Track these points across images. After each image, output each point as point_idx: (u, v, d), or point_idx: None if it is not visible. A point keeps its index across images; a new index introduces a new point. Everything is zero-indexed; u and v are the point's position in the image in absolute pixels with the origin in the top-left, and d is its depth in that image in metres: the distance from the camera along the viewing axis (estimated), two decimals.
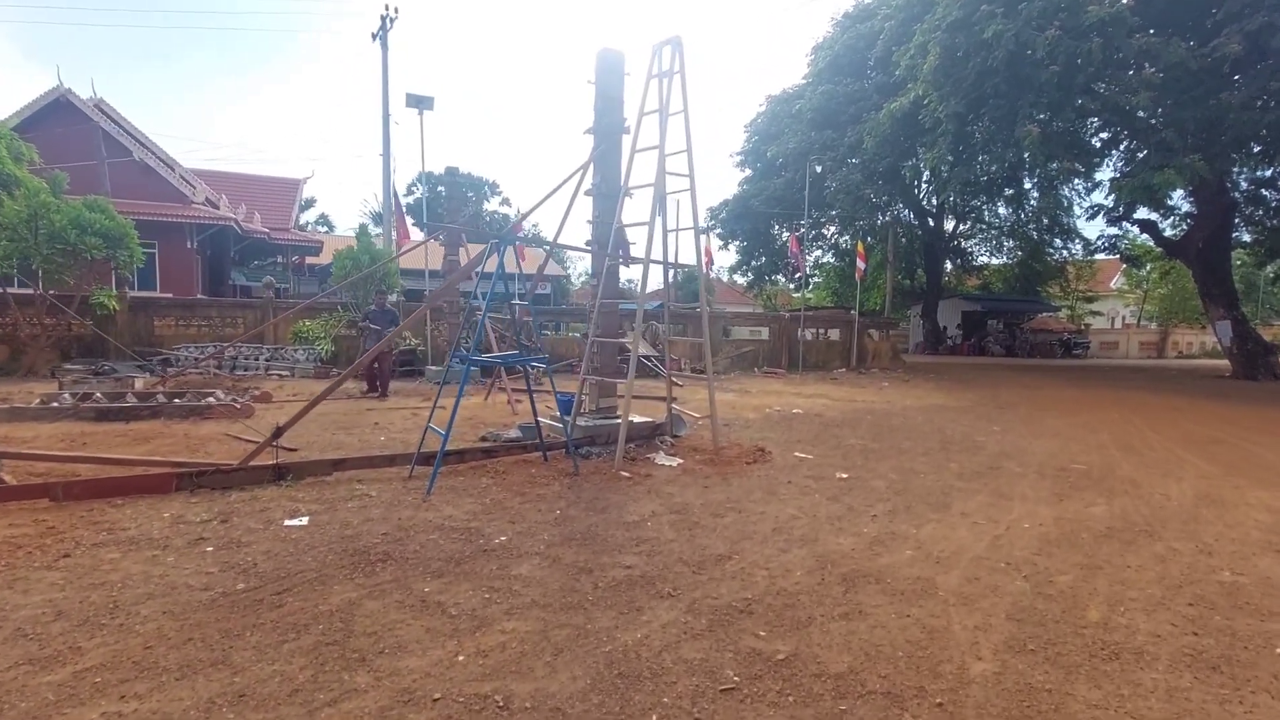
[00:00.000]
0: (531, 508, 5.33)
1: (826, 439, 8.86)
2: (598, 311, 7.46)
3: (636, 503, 5.56)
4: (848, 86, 26.46)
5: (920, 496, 6.06)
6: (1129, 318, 48.99)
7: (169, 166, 28.87)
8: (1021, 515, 5.56)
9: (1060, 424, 10.99)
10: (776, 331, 21.69)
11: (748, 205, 30.56)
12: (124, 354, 15.02)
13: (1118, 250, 30.99)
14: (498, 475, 6.31)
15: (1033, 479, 6.93)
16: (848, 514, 5.42)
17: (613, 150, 7.52)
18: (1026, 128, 15.32)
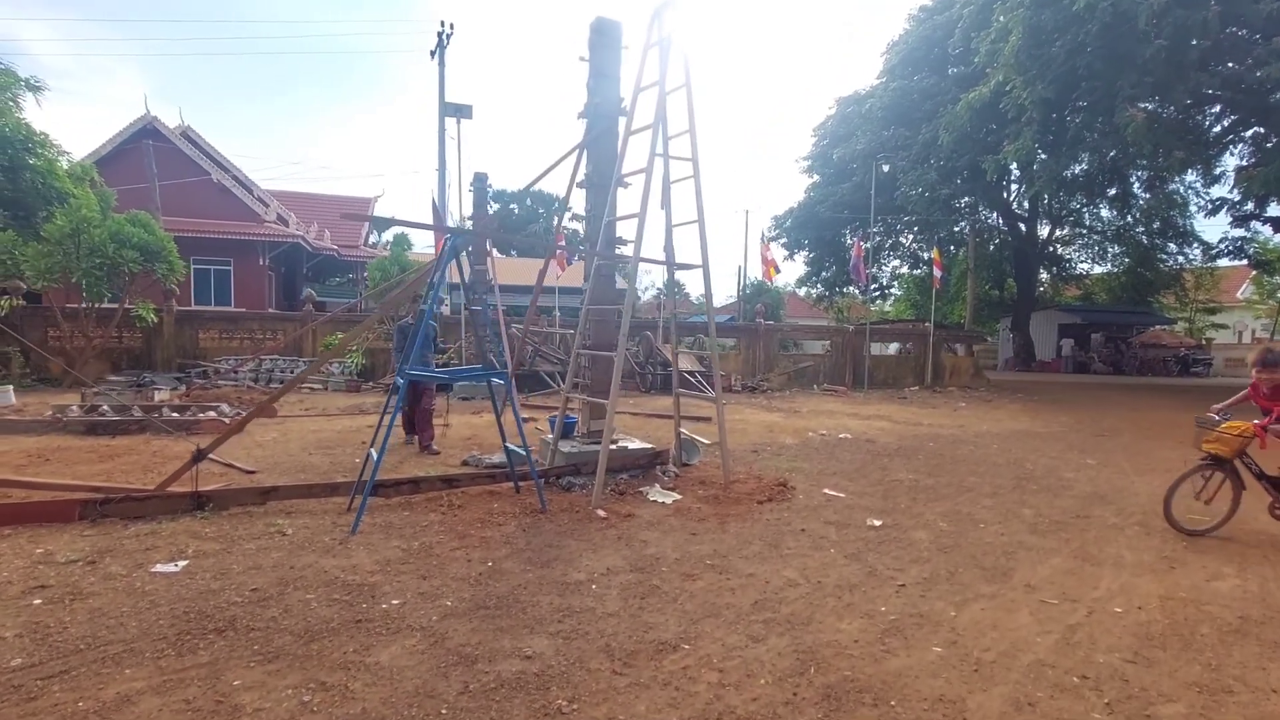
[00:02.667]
0: (462, 556, 4.32)
1: (870, 472, 7.44)
2: (584, 319, 6.42)
3: (596, 553, 4.45)
4: (922, 81, 24.49)
5: (973, 557, 4.64)
6: (1260, 331, 43.32)
7: (246, 188, 30.22)
8: (1112, 591, 4.07)
9: (1174, 457, 9.03)
10: (840, 346, 19.95)
11: (813, 212, 28.87)
12: (169, 366, 15.25)
13: (1245, 254, 27.18)
14: (451, 510, 5.35)
15: (1133, 534, 5.33)
16: (865, 581, 4.11)
17: (608, 134, 6.52)
18: (1128, 112, 13.21)
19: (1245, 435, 4.93)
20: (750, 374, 18.62)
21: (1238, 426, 4.98)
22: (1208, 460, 5.17)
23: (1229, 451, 5.02)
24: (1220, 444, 5.05)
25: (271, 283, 29.52)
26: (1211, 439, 5.10)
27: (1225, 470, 5.15)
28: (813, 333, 22.12)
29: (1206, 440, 5.13)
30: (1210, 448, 5.11)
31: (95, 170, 15.22)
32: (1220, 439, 5.03)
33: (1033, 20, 14.77)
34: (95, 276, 12.54)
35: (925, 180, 22.64)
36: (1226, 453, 5.03)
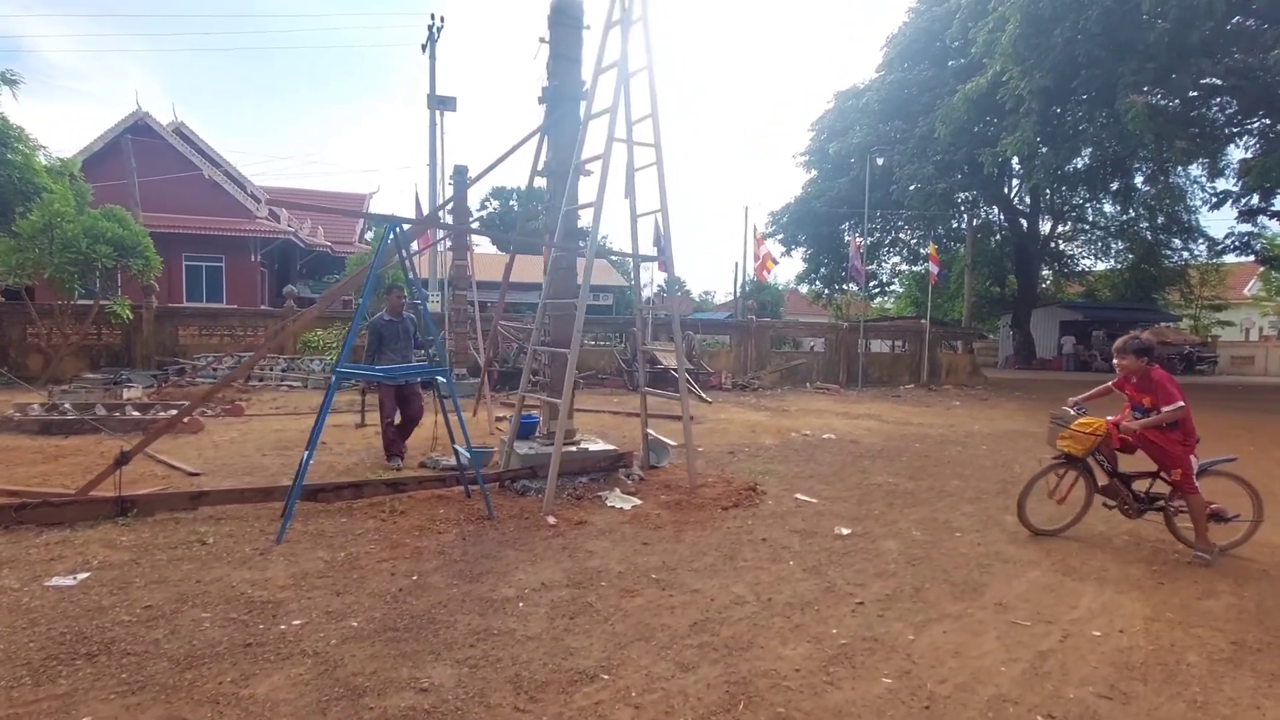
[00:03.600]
0: (388, 569, 4.00)
1: (848, 475, 7.09)
2: (541, 314, 6.09)
3: (534, 565, 4.12)
4: (921, 74, 24.07)
5: (943, 570, 4.30)
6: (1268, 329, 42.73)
7: (239, 184, 29.96)
8: (1092, 610, 3.72)
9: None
10: (834, 343, 19.57)
11: (810, 208, 28.46)
12: (149, 363, 14.99)
13: (1252, 250, 26.68)
14: (392, 516, 5.03)
15: (1121, 545, 4.98)
16: (820, 599, 3.76)
17: (568, 119, 6.17)
18: (1130, 99, 12.78)
19: (1098, 433, 4.65)
20: (741, 371, 18.27)
21: (1092, 423, 4.70)
22: (1061, 458, 4.87)
23: (1081, 449, 4.72)
24: (1073, 442, 4.74)
25: (264, 279, 29.26)
26: (1065, 436, 4.79)
27: (1078, 468, 4.87)
28: (806, 329, 21.75)
29: (1060, 437, 4.83)
30: (1064, 445, 4.80)
31: (76, 166, 14.95)
32: (1073, 436, 4.74)
33: (1031, 8, 14.35)
34: (68, 272, 12.27)
35: (922, 174, 22.22)
36: (1079, 450, 4.73)
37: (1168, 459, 4.59)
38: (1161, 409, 4.48)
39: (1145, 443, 4.61)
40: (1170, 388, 4.49)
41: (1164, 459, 4.62)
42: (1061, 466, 4.90)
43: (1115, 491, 4.85)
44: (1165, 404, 4.46)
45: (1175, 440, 4.55)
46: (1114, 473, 4.82)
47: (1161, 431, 4.52)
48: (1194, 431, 4.59)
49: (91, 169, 22.64)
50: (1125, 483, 4.84)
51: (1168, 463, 4.61)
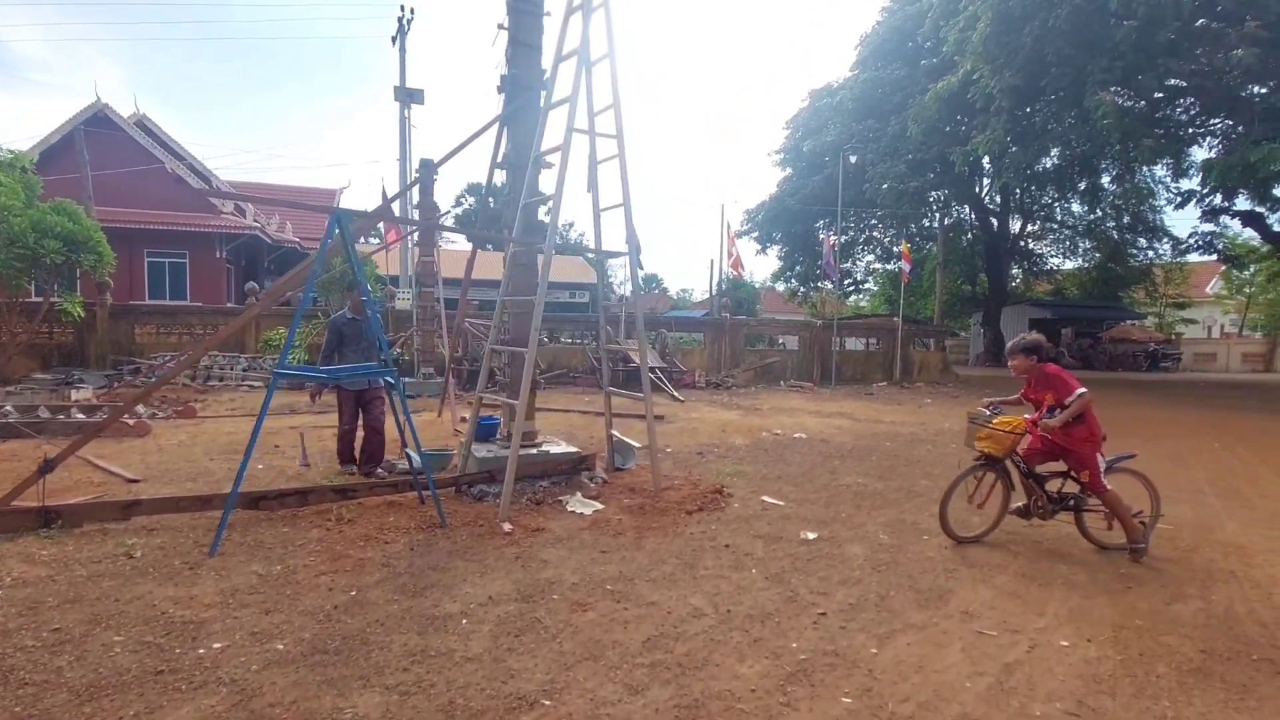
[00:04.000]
0: (326, 583, 3.76)
1: (817, 476, 6.97)
2: (499, 312, 5.86)
3: (484, 577, 3.91)
4: (893, 73, 24.16)
5: (909, 576, 4.17)
6: (1229, 326, 43.83)
7: (204, 178, 29.16)
8: (1060, 618, 3.61)
9: (1141, 456, 8.62)
10: (807, 341, 19.55)
11: (784, 205, 28.48)
12: (103, 363, 14.42)
13: (1214, 249, 27.22)
14: (339, 525, 4.78)
15: (1088, 547, 4.89)
16: (782, 609, 3.60)
17: (527, 109, 5.95)
18: (1099, 95, 12.86)
19: (1017, 431, 4.49)
20: (716, 370, 18.15)
21: (1010, 422, 4.54)
22: (980, 460, 4.67)
23: (1000, 450, 4.54)
24: (992, 442, 4.55)
25: (230, 276, 28.52)
26: (983, 436, 4.59)
27: (997, 470, 4.69)
28: (780, 328, 21.71)
29: (979, 438, 4.63)
30: (983, 445, 4.60)
31: (30, 159, 14.29)
32: (992, 436, 4.54)
33: (1001, 6, 14.40)
34: (15, 268, 11.70)
35: (894, 173, 22.30)
36: (998, 451, 4.54)
37: (1077, 459, 4.49)
38: (1066, 401, 4.35)
39: (1058, 444, 4.48)
40: (1067, 379, 4.41)
41: (1073, 459, 4.52)
42: (981, 469, 4.69)
43: (1031, 493, 4.70)
44: (1067, 395, 4.34)
45: (1081, 438, 4.43)
46: (1030, 473, 4.68)
47: (1068, 429, 4.39)
48: (1099, 427, 4.49)
49: (48, 162, 21.81)
50: (1040, 483, 4.71)
51: (1077, 463, 4.51)
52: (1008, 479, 4.72)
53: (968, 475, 4.69)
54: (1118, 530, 4.63)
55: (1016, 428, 4.49)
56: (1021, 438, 4.49)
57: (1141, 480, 4.85)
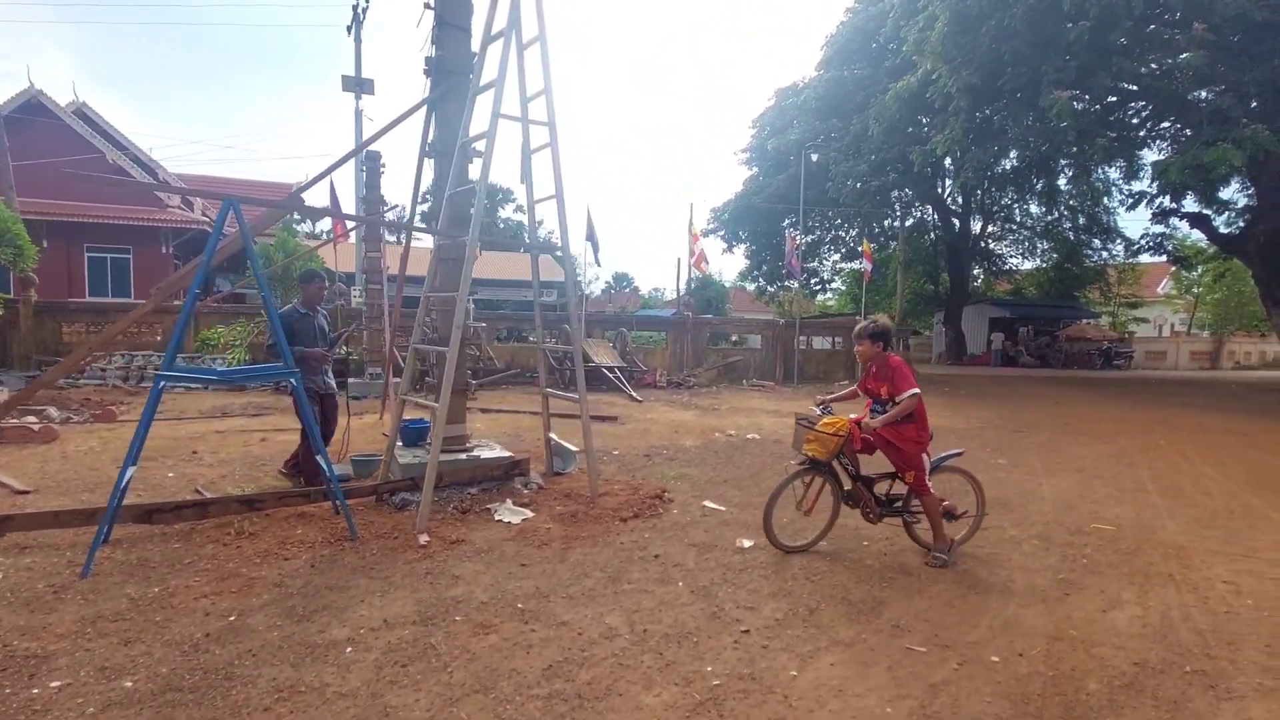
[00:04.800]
0: (205, 607, 3.41)
1: (765, 478, 6.77)
2: (423, 308, 5.53)
3: (385, 597, 3.59)
4: (856, 72, 24.22)
5: (843, 587, 3.97)
6: (1178, 325, 45.22)
7: (149, 170, 28.00)
8: (993, 630, 3.44)
9: (1088, 455, 8.69)
10: (770, 340, 19.47)
11: (750, 204, 28.40)
12: (27, 363, 13.64)
13: (1164, 250, 27.90)
14: (239, 539, 4.41)
15: (1030, 550, 4.76)
16: (704, 627, 3.36)
17: (455, 93, 5.62)
18: (1054, 94, 12.95)
19: (841, 434, 4.17)
20: (678, 369, 17.96)
21: (835, 423, 4.24)
22: (806, 464, 4.35)
23: (825, 453, 4.22)
24: (819, 445, 4.23)
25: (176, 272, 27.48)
26: (810, 439, 4.28)
27: (824, 474, 4.38)
28: (743, 326, 21.64)
29: (806, 441, 4.30)
30: (810, 449, 4.28)
31: None
32: (818, 439, 4.23)
33: (959, 6, 14.44)
34: None
35: (856, 172, 22.35)
36: (824, 454, 4.23)
37: (903, 459, 4.27)
38: (897, 398, 4.15)
39: (883, 442, 4.24)
40: (905, 374, 4.19)
41: (899, 459, 4.29)
42: (808, 473, 4.38)
43: (859, 496, 4.44)
44: (900, 391, 4.14)
45: (910, 438, 4.21)
46: (857, 476, 4.41)
47: (897, 427, 4.17)
48: (928, 426, 4.29)
49: None
50: (868, 486, 4.47)
51: (903, 463, 4.29)
52: (837, 482, 4.43)
53: (793, 480, 4.39)
54: (955, 526, 4.51)
55: (840, 429, 4.17)
56: (846, 440, 4.18)
57: (968, 479, 4.66)
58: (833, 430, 4.18)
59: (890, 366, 4.22)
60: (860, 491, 4.43)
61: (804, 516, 4.48)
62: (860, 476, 4.41)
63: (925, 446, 4.27)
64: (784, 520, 4.56)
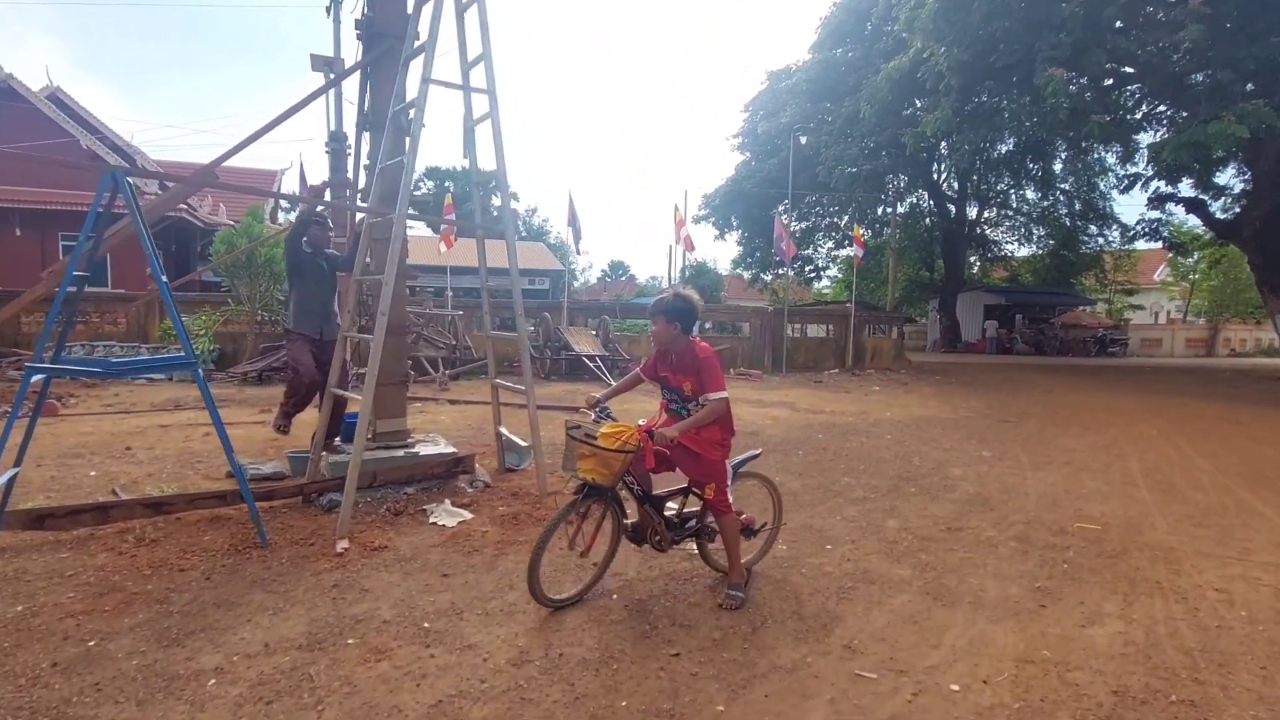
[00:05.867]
0: (67, 629, 3.01)
1: None
2: (355, 292, 5.11)
3: (278, 615, 3.20)
4: (848, 54, 23.71)
5: (795, 599, 3.59)
6: (1174, 312, 44.93)
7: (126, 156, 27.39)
8: (957, 651, 3.06)
9: (1077, 445, 8.34)
10: (758, 327, 19.08)
11: (741, 189, 27.94)
12: None
13: (1160, 236, 27.52)
14: (139, 547, 4.02)
15: (1007, 554, 4.39)
16: (629, 650, 2.98)
17: (389, 59, 5.17)
18: (1048, 72, 12.50)
19: (629, 446, 3.15)
20: None
21: (620, 432, 3.16)
22: (583, 490, 3.26)
23: (608, 476, 3.18)
24: (597, 464, 3.17)
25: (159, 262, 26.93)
26: (586, 456, 3.19)
27: (605, 500, 3.33)
28: (731, 314, 21.22)
29: (581, 457, 3.22)
30: (586, 472, 3.20)
31: None
32: (598, 457, 3.16)
33: None
34: None
35: (847, 156, 21.87)
36: (606, 478, 3.18)
37: (702, 470, 3.41)
38: (707, 396, 3.29)
39: (679, 449, 3.33)
40: (716, 370, 3.33)
41: (698, 469, 3.42)
42: (584, 502, 3.28)
43: (646, 524, 3.46)
44: (708, 390, 3.28)
45: (714, 441, 3.40)
46: (646, 496, 3.43)
47: (698, 429, 3.31)
48: (733, 427, 3.52)
49: None
50: (658, 509, 3.50)
51: (702, 474, 3.42)
52: (619, 509, 3.44)
53: (569, 514, 3.26)
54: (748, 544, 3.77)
55: (628, 442, 3.14)
56: (633, 456, 3.18)
57: (766, 485, 4.03)
58: (617, 443, 3.14)
59: (699, 358, 3.33)
60: (649, 519, 3.45)
61: (579, 558, 3.47)
62: (649, 498, 3.45)
63: (729, 452, 3.50)
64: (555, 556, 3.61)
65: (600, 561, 3.50)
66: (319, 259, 5.43)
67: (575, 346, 14.88)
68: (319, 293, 5.34)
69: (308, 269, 5.33)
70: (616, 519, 3.43)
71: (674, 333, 3.34)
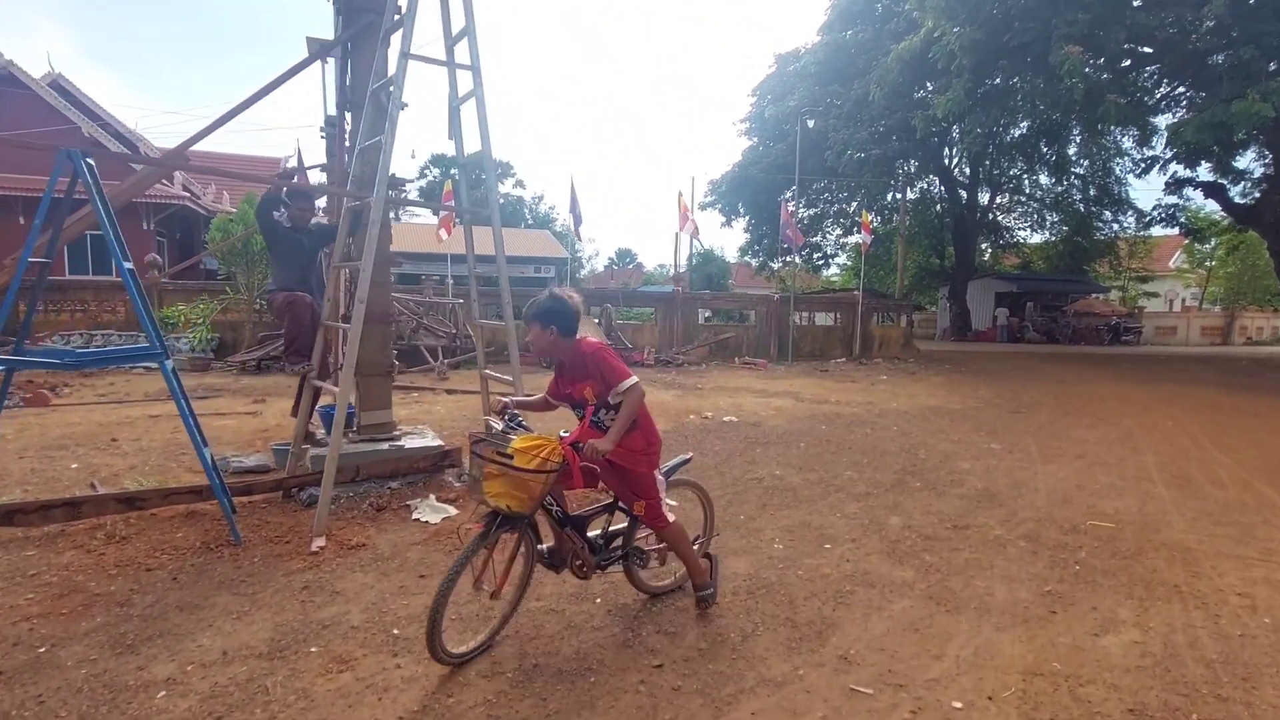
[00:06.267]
0: (20, 633, 2.87)
1: (731, 468, 6.20)
2: (335, 280, 4.92)
3: (240, 620, 3.05)
4: (858, 36, 23.17)
5: (789, 604, 3.40)
6: (1190, 300, 44.14)
7: (129, 144, 27.32)
8: (961, 663, 2.86)
9: (1090, 437, 8.08)
10: (764, 316, 18.80)
11: (747, 175, 27.52)
12: None
13: (1177, 222, 26.91)
14: (109, 544, 3.87)
15: (1015, 554, 4.17)
16: (609, 662, 2.80)
17: (369, 33, 4.95)
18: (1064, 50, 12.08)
19: (551, 468, 2.65)
20: (666, 347, 17.34)
21: (540, 446, 2.67)
22: (493, 521, 2.71)
23: (525, 503, 2.66)
24: (510, 488, 2.62)
25: (164, 250, 26.93)
26: (493, 476, 2.62)
27: (520, 528, 2.80)
28: (737, 302, 20.94)
29: (488, 478, 2.63)
30: (497, 499, 2.63)
31: None
32: (513, 481, 2.61)
33: None
34: None
35: (856, 140, 21.43)
36: (523, 504, 2.65)
37: (630, 486, 3.01)
38: (617, 390, 2.82)
39: (604, 466, 2.88)
40: (613, 360, 2.89)
41: (625, 487, 3.02)
42: (495, 534, 2.73)
43: (563, 549, 2.97)
44: (615, 384, 2.82)
45: (638, 451, 2.95)
46: (566, 518, 2.94)
47: (620, 444, 2.84)
48: (656, 432, 3.07)
49: None
50: (580, 530, 3.02)
51: (631, 490, 3.02)
52: (534, 536, 2.90)
53: (477, 551, 2.72)
54: (672, 565, 3.45)
55: (549, 459, 2.66)
56: (558, 472, 2.70)
57: (696, 491, 3.64)
58: (536, 462, 2.62)
59: (589, 355, 2.88)
60: (570, 543, 2.95)
61: (489, 600, 2.89)
62: (570, 520, 2.96)
63: (657, 460, 3.07)
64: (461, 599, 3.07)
65: (512, 599, 2.95)
66: (299, 235, 5.27)
67: None
68: (296, 270, 5.19)
69: (284, 244, 5.18)
70: (532, 546, 2.91)
71: (551, 338, 2.89)
